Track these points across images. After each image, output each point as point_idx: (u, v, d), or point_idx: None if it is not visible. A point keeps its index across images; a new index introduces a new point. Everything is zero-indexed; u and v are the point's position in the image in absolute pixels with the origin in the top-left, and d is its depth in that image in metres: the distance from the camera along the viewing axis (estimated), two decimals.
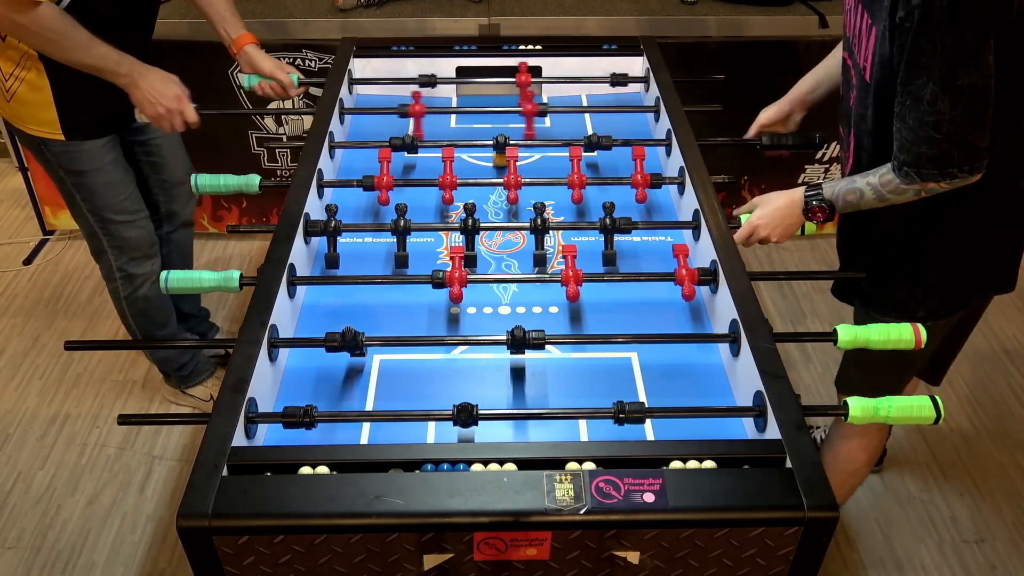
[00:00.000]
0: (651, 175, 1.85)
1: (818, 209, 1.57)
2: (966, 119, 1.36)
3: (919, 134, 1.39)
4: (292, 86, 2.17)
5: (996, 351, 2.87)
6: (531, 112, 2.08)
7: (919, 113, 1.38)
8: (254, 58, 2.17)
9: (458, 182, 1.83)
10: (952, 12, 1.30)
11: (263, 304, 1.45)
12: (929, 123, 1.37)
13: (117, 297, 2.36)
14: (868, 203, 1.53)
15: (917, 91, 1.37)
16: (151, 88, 1.94)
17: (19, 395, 2.68)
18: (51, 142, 2.05)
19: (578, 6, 2.87)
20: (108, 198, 2.16)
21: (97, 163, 2.10)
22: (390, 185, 1.81)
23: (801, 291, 3.10)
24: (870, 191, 1.51)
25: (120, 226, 2.21)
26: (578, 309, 1.64)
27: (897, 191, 1.48)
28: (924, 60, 1.34)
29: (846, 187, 1.55)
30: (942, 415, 1.27)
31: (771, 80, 2.15)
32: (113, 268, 2.30)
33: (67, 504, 2.34)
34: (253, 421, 1.30)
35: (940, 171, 1.41)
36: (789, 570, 1.19)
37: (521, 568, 1.20)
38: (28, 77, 1.96)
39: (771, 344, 1.37)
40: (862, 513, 2.33)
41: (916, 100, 1.37)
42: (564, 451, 1.23)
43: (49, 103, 1.99)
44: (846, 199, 1.55)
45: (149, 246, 2.29)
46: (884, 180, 1.48)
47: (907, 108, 1.40)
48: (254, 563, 1.16)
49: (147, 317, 2.40)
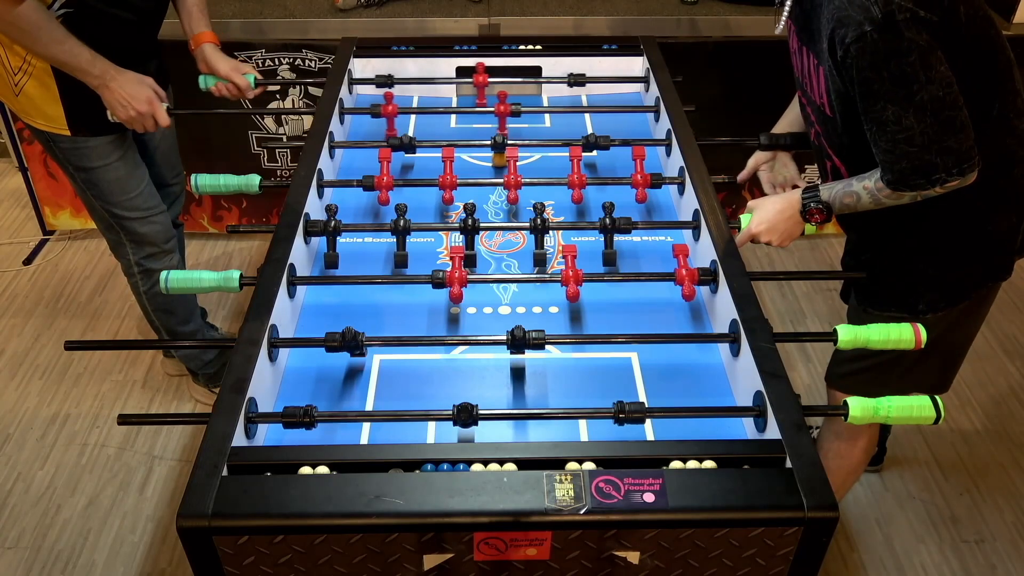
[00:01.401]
0: (651, 175, 1.85)
1: (815, 211, 1.58)
2: (937, 127, 1.38)
3: (895, 152, 1.41)
4: (248, 88, 2.15)
5: (996, 351, 2.87)
6: (503, 113, 2.07)
7: (888, 135, 1.40)
8: (210, 58, 2.15)
9: (458, 182, 1.83)
10: (886, 40, 1.33)
11: (263, 304, 1.45)
12: (901, 140, 1.39)
13: (137, 292, 2.37)
14: (864, 206, 1.54)
15: (878, 115, 1.40)
16: (122, 90, 1.94)
17: (19, 395, 2.68)
18: (59, 137, 2.06)
19: (578, 6, 2.87)
20: (118, 195, 2.17)
21: (105, 159, 2.11)
22: (390, 185, 1.81)
23: (801, 291, 3.10)
24: (866, 195, 1.52)
25: (134, 222, 2.22)
26: (578, 309, 1.64)
27: (892, 196, 1.49)
28: (876, 87, 1.38)
29: (843, 190, 1.56)
30: (942, 415, 1.27)
31: (771, 80, 2.15)
32: (132, 263, 2.30)
33: (67, 504, 2.34)
34: (253, 421, 1.30)
35: (927, 179, 1.42)
36: (789, 570, 1.19)
37: (521, 568, 1.20)
38: (35, 72, 1.97)
39: (771, 344, 1.37)
40: (862, 513, 2.33)
41: (881, 124, 1.40)
42: (564, 451, 1.23)
43: (55, 99, 1.99)
44: (843, 201, 1.56)
45: (165, 241, 2.29)
46: (879, 185, 1.49)
47: (875, 134, 1.43)
48: (254, 563, 1.16)
49: (169, 313, 2.41)
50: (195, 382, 2.65)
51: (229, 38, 2.79)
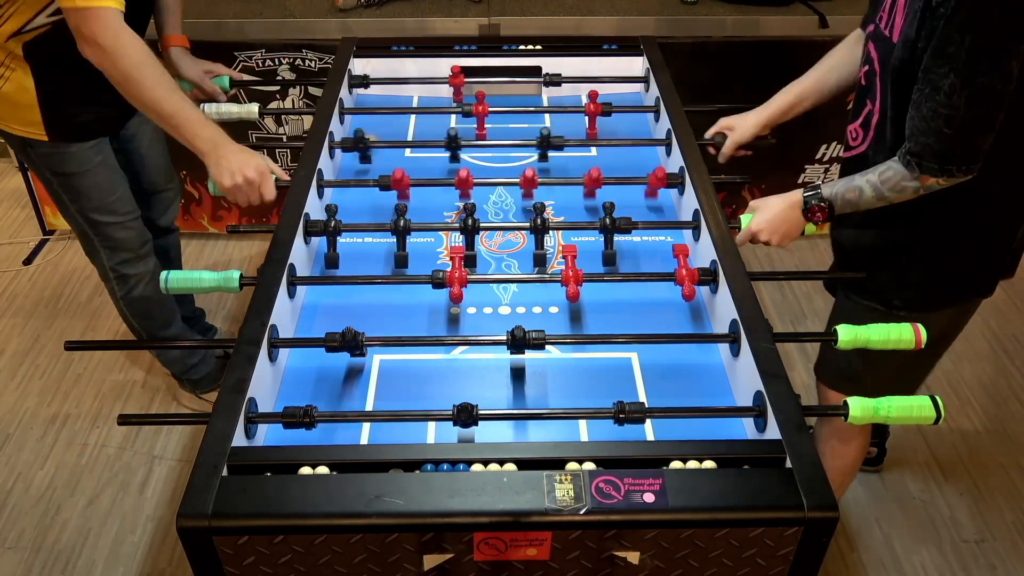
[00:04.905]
0: (663, 177, 1.85)
1: (817, 209, 1.58)
2: (978, 120, 1.37)
3: (930, 125, 1.39)
4: (218, 94, 2.12)
5: (996, 351, 2.88)
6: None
7: (934, 104, 1.38)
8: (179, 63, 2.12)
9: (475, 182, 1.82)
10: (987, 8, 1.30)
11: (263, 304, 1.45)
12: (942, 115, 1.38)
13: (115, 298, 2.34)
14: (867, 201, 1.53)
15: (937, 80, 1.37)
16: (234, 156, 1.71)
17: (19, 395, 2.68)
18: (36, 143, 2.01)
19: (578, 6, 2.87)
20: (96, 200, 2.12)
21: (84, 166, 2.06)
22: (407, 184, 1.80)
23: (801, 291, 3.11)
24: (869, 189, 1.52)
25: (110, 227, 2.18)
26: (578, 309, 1.64)
27: (897, 188, 1.48)
28: (951, 50, 1.34)
29: (845, 186, 1.55)
30: (942, 415, 1.27)
31: (771, 80, 2.14)
32: (107, 268, 2.27)
33: (67, 504, 2.34)
34: (253, 421, 1.30)
35: (940, 167, 1.42)
36: (789, 570, 1.19)
37: (521, 568, 1.20)
38: (13, 77, 1.93)
39: (771, 344, 1.37)
40: (862, 513, 2.33)
41: (935, 89, 1.37)
42: (564, 451, 1.22)
43: (33, 104, 1.95)
44: (845, 197, 1.55)
45: (140, 246, 2.25)
46: (884, 177, 1.49)
47: (924, 96, 1.40)
48: (254, 563, 1.16)
49: (148, 318, 2.39)
50: (182, 388, 2.64)
51: (229, 38, 2.79)
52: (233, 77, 2.16)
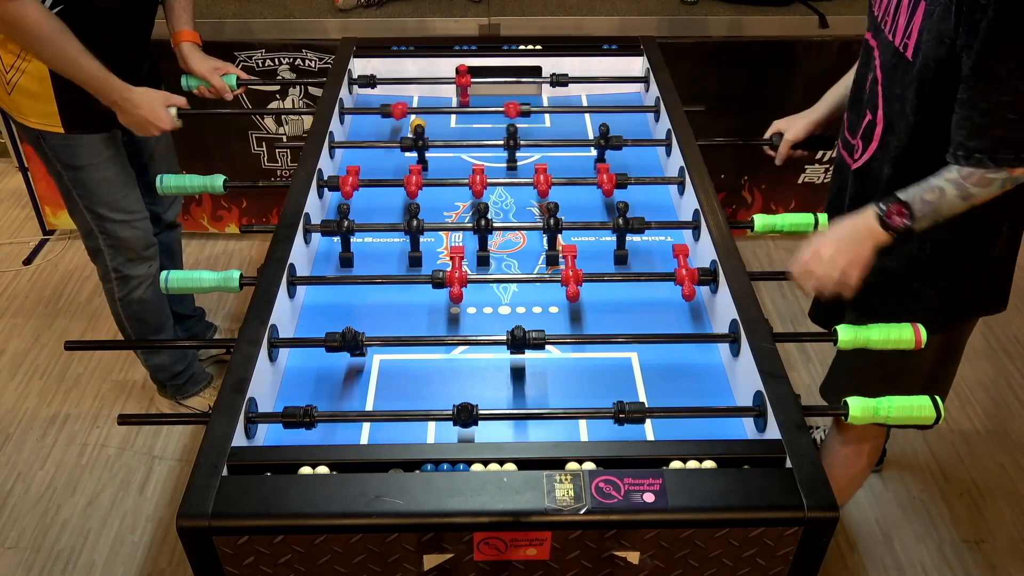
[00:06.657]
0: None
1: (895, 212, 1.42)
2: None
3: (994, 116, 1.33)
4: (226, 90, 2.14)
5: (996, 351, 2.88)
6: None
7: (993, 95, 1.32)
8: (189, 58, 2.14)
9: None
10: None
11: (263, 304, 1.45)
12: (1006, 103, 1.32)
13: (112, 299, 2.34)
14: (950, 202, 1.41)
15: (992, 70, 1.31)
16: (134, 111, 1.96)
17: (19, 395, 2.68)
18: (50, 135, 2.04)
19: (578, 6, 2.87)
20: (105, 195, 2.14)
21: (96, 158, 2.09)
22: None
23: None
24: (951, 188, 1.39)
25: (116, 225, 2.19)
26: (578, 309, 1.64)
27: (982, 182, 1.38)
28: (1007, 42, 1.29)
29: (921, 187, 1.42)
30: (942, 415, 1.27)
31: (772, 81, 2.15)
32: (109, 269, 2.27)
33: (67, 504, 2.34)
34: (253, 421, 1.30)
35: (1016, 155, 1.35)
36: (789, 570, 1.19)
37: (521, 568, 1.20)
38: (30, 69, 1.95)
39: (771, 344, 1.37)
40: (862, 513, 2.33)
41: (991, 81, 1.32)
42: (564, 451, 1.23)
43: (50, 96, 1.98)
44: (924, 199, 1.42)
45: (145, 248, 2.26)
46: (966, 172, 1.38)
47: (979, 91, 1.34)
48: (254, 563, 1.16)
49: (142, 322, 2.38)
50: (161, 393, 2.61)
51: (229, 38, 2.79)
52: (241, 77, 2.17)
